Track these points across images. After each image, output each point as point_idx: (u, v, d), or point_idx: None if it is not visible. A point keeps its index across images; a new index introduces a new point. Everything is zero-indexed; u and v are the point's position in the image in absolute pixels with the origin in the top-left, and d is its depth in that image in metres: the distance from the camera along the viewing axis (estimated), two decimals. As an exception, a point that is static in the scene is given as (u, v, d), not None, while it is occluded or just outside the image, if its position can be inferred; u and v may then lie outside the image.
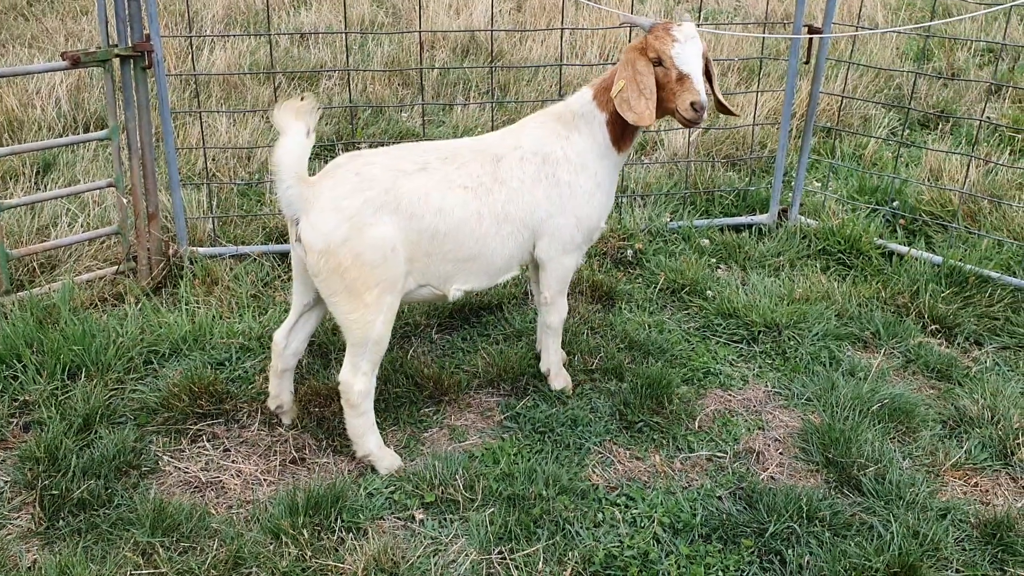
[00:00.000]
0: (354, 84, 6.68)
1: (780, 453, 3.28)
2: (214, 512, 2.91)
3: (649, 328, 3.97)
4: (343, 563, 2.65)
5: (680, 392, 3.53)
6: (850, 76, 6.76)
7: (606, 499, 2.99)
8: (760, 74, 6.21)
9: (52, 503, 2.86)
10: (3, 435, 3.22)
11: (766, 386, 3.67)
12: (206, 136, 5.62)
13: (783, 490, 2.99)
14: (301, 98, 2.77)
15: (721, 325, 4.05)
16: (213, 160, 5.46)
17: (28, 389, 3.37)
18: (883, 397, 3.47)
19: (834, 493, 3.06)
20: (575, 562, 2.71)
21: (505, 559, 2.73)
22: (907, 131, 6.33)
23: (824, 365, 3.78)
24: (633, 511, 2.94)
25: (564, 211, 3.18)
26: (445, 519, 2.88)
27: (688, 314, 4.16)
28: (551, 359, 3.49)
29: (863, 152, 5.99)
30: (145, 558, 2.68)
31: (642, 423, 3.36)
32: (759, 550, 2.79)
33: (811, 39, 4.70)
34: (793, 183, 5.11)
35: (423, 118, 5.54)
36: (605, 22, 7.58)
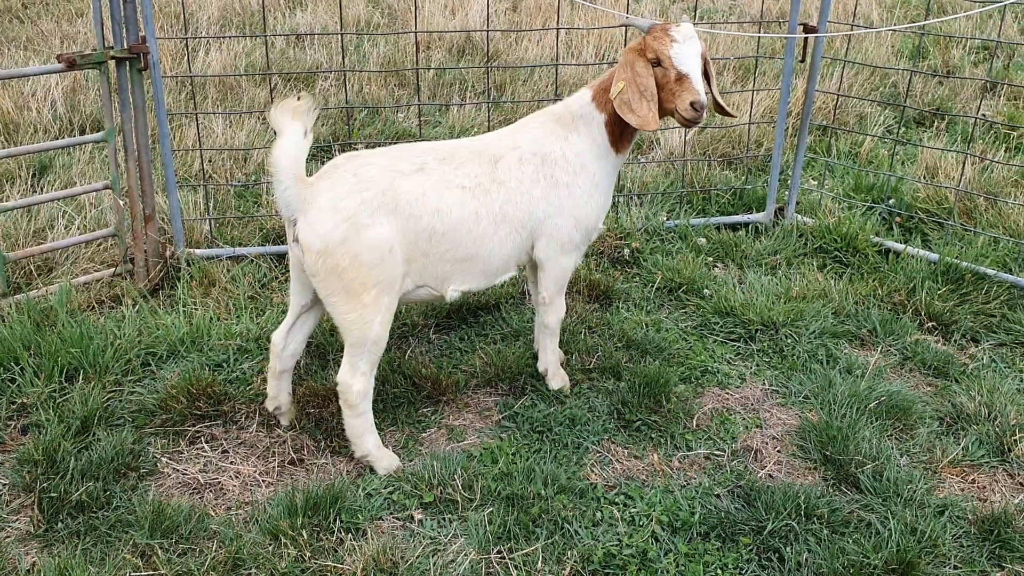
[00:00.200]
0: (350, 85, 6.68)
1: (778, 451, 3.29)
2: (213, 513, 2.91)
3: (646, 327, 3.97)
4: (342, 564, 2.65)
5: (678, 391, 3.53)
6: (846, 74, 6.77)
7: (604, 498, 2.99)
8: (756, 73, 6.22)
9: (51, 505, 2.85)
10: (1, 438, 3.21)
11: (764, 384, 3.68)
12: (202, 138, 5.62)
13: (781, 488, 2.99)
14: (298, 98, 2.76)
15: (718, 324, 4.05)
16: (210, 162, 5.46)
17: (26, 392, 3.37)
18: (880, 394, 3.48)
19: (832, 491, 3.06)
20: (574, 561, 2.71)
21: (504, 558, 2.73)
22: (903, 129, 6.34)
23: (821, 363, 3.79)
24: (632, 510, 2.94)
25: (562, 211, 3.18)
26: (444, 519, 2.88)
27: (685, 313, 4.17)
28: (549, 359, 3.49)
29: (859, 150, 6.00)
30: (144, 560, 2.68)
31: (640, 422, 3.37)
32: (757, 548, 2.80)
33: (807, 38, 4.71)
34: (789, 181, 5.12)
35: (419, 119, 5.54)
36: (601, 22, 7.59)
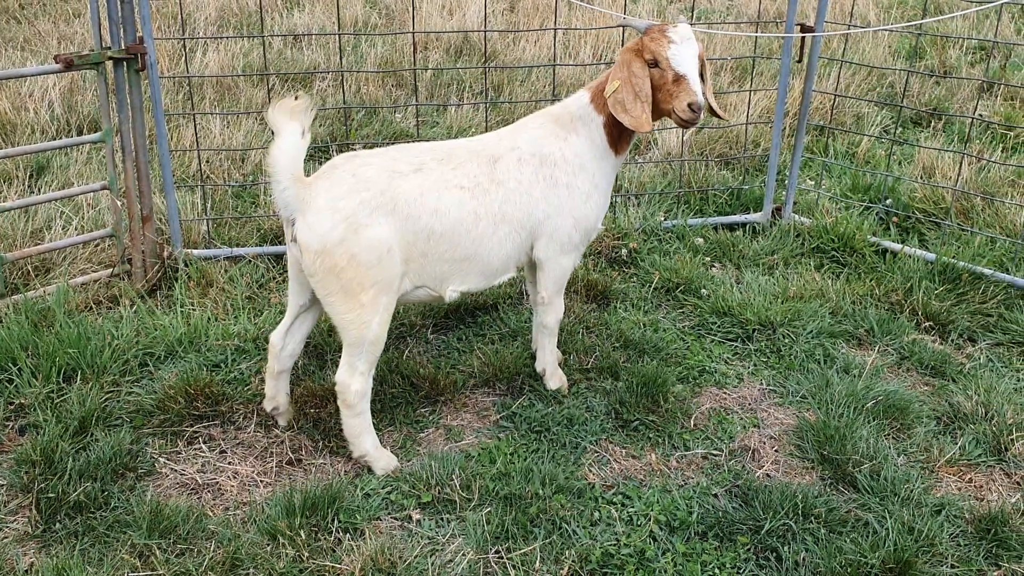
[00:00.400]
0: (348, 85, 6.68)
1: (775, 451, 3.29)
2: (211, 514, 2.91)
3: (644, 327, 3.98)
4: (340, 564, 2.65)
5: (675, 391, 3.54)
6: (843, 74, 6.77)
7: (602, 498, 3.00)
8: (753, 73, 6.22)
9: (48, 506, 2.85)
10: (-1, 438, 3.22)
11: (761, 384, 3.68)
12: (200, 138, 5.61)
13: (779, 487, 3.00)
14: (295, 97, 2.75)
15: (716, 323, 4.06)
16: (207, 162, 5.46)
17: (23, 392, 3.37)
18: (877, 394, 3.48)
19: (829, 490, 3.07)
20: (572, 561, 2.71)
21: (502, 558, 2.73)
22: (900, 129, 6.36)
23: (819, 363, 3.79)
24: (629, 509, 2.95)
25: (562, 212, 3.18)
26: (442, 519, 2.88)
27: (683, 313, 4.17)
28: (547, 359, 3.49)
29: (856, 150, 6.01)
30: (142, 560, 2.68)
31: (638, 422, 3.37)
32: (755, 547, 2.80)
33: (803, 38, 4.72)
34: (787, 181, 5.13)
35: (417, 119, 5.54)
36: (598, 22, 7.59)
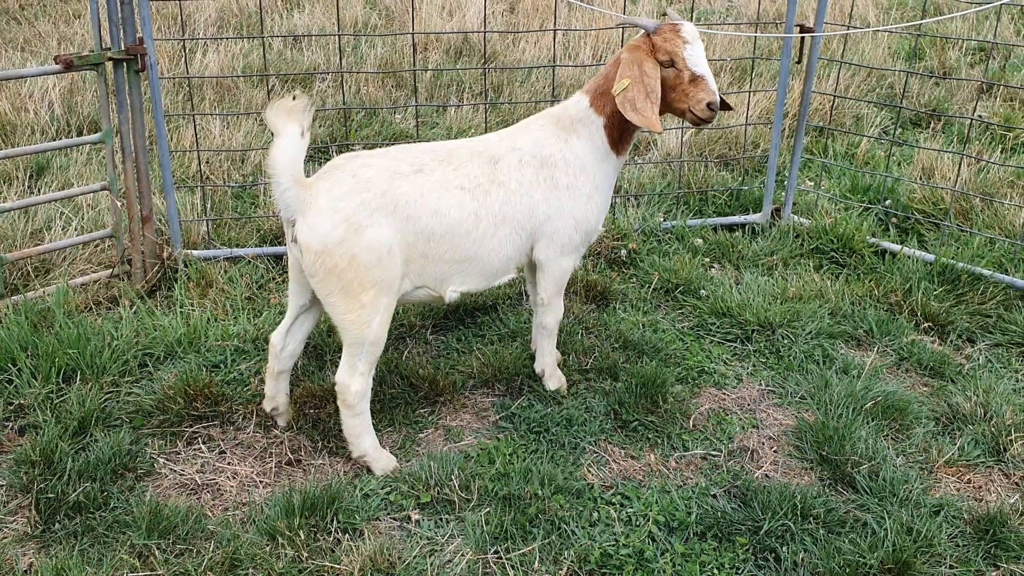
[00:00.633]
0: (348, 86, 6.68)
1: (774, 451, 3.30)
2: (210, 514, 2.91)
3: (643, 328, 3.98)
4: (339, 564, 2.65)
5: (674, 391, 3.54)
6: (842, 75, 6.78)
7: (601, 498, 3.00)
8: (752, 74, 6.23)
9: (48, 506, 2.85)
10: (-2, 439, 3.22)
11: (760, 384, 3.68)
12: (200, 139, 5.62)
13: (777, 488, 3.00)
14: (293, 97, 2.75)
15: (715, 324, 4.06)
16: (207, 163, 5.46)
17: (23, 393, 3.37)
18: (876, 395, 3.48)
19: (828, 490, 3.07)
20: (571, 561, 2.72)
21: (501, 559, 2.73)
22: (899, 130, 6.36)
23: (818, 363, 3.79)
24: (628, 510, 2.95)
25: (562, 213, 3.18)
26: (441, 519, 2.88)
27: (682, 313, 4.17)
28: (546, 359, 3.49)
29: (855, 151, 6.01)
30: (141, 560, 2.68)
31: (637, 422, 3.37)
32: (754, 548, 2.81)
33: (803, 38, 4.72)
34: (786, 182, 5.13)
35: (417, 120, 5.55)
36: (598, 23, 7.60)
